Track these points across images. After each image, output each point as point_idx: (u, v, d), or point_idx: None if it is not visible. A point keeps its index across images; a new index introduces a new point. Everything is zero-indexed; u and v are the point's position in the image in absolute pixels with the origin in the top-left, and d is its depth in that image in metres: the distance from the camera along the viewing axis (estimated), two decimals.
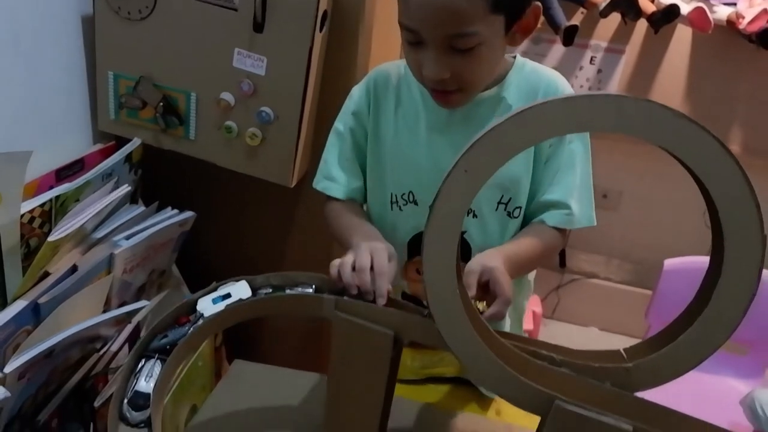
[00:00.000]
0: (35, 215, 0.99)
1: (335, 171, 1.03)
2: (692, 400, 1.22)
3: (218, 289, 0.82)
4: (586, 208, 0.98)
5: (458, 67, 0.85)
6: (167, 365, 0.75)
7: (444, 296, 0.67)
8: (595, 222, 1.00)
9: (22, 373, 0.89)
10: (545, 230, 0.97)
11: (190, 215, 1.27)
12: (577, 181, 0.96)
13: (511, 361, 0.68)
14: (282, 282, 0.83)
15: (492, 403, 1.07)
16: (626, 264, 2.30)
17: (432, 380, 1.11)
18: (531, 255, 0.94)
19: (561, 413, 0.64)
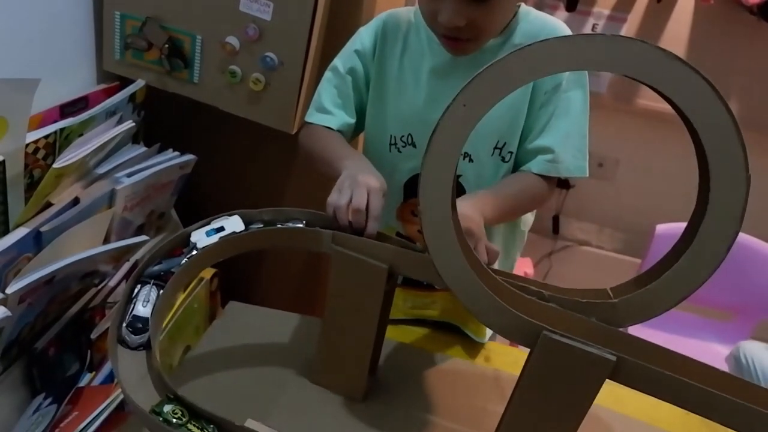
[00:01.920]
0: (39, 146, 1.00)
1: (329, 105, 1.03)
2: None
3: (212, 223, 0.84)
4: (577, 158, 0.99)
5: (474, 17, 0.86)
6: (164, 292, 0.77)
7: (439, 228, 0.69)
8: (586, 173, 1.01)
9: (22, 297, 0.91)
10: (530, 177, 0.99)
11: (190, 158, 1.28)
12: (570, 129, 0.97)
13: (502, 294, 0.71)
14: (274, 217, 0.85)
15: (481, 350, 1.09)
16: (618, 233, 2.33)
17: (421, 323, 1.13)
18: (514, 201, 0.95)
19: (548, 343, 0.67)
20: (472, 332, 1.09)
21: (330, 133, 1.02)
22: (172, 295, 0.79)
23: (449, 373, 1.00)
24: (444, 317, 1.13)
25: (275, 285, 1.62)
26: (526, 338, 0.69)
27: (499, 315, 0.69)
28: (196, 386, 0.92)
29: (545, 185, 1.00)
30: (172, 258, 0.80)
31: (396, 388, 0.95)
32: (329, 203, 0.82)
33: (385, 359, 0.97)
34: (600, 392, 0.69)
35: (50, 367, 1.05)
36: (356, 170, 0.86)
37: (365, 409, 0.90)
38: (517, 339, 0.70)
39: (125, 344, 0.76)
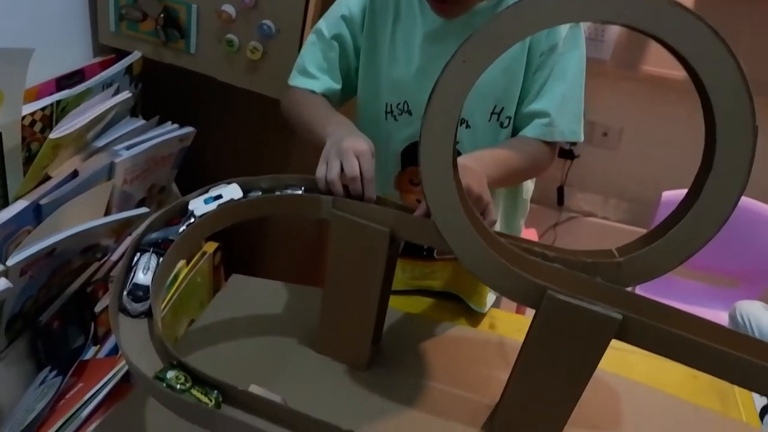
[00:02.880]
0: (36, 119, 0.99)
1: (313, 69, 1.01)
2: None
3: (210, 191, 0.83)
4: (572, 122, 0.98)
5: None
6: (164, 260, 0.76)
7: (440, 188, 0.68)
8: (581, 137, 1.00)
9: (23, 269, 0.90)
10: (528, 142, 0.98)
11: (190, 130, 1.27)
12: (566, 92, 0.96)
13: (506, 255, 0.70)
14: (273, 184, 0.84)
15: (484, 318, 1.09)
16: (623, 203, 2.31)
17: (422, 293, 1.12)
18: (516, 163, 0.94)
19: (553, 303, 0.66)
20: (472, 302, 1.09)
21: (313, 97, 1.00)
22: (173, 263, 0.78)
23: (453, 341, 1.00)
24: (444, 287, 1.12)
25: (279, 259, 1.62)
26: (530, 299, 0.68)
27: (503, 276, 0.68)
28: (200, 357, 0.92)
29: (546, 150, 0.98)
30: (171, 227, 0.79)
31: (399, 356, 0.95)
32: (319, 178, 0.80)
33: (388, 328, 0.96)
34: (606, 358, 0.68)
35: (55, 341, 1.04)
36: (340, 136, 0.84)
37: (369, 378, 0.90)
38: (522, 300, 0.69)
39: (126, 312, 0.75)
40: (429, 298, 1.11)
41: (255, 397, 0.65)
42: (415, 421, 0.84)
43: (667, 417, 0.89)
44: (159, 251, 0.76)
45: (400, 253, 1.07)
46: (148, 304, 0.75)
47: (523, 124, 0.99)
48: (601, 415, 0.87)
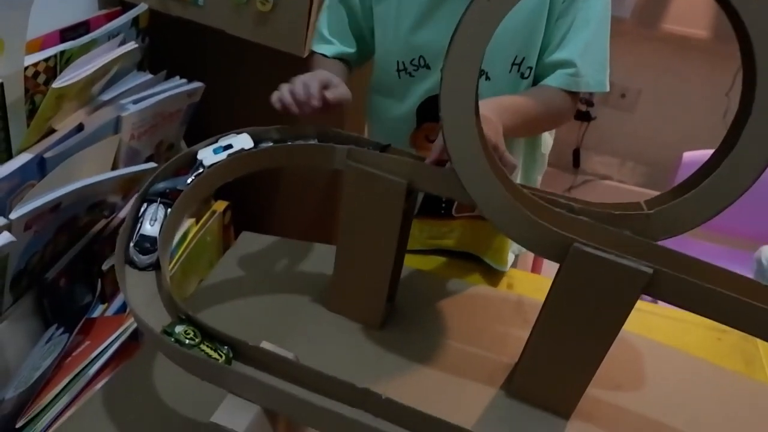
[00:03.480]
0: (39, 70, 0.96)
1: (327, 34, 1.03)
2: None
3: (219, 141, 0.80)
4: (597, 72, 0.94)
5: None
6: (172, 212, 0.74)
7: (462, 136, 0.64)
8: (607, 87, 0.96)
9: (28, 224, 0.88)
10: (550, 91, 0.94)
11: (198, 85, 1.23)
12: (590, 40, 0.92)
13: (530, 206, 0.67)
14: (284, 135, 0.81)
15: (502, 277, 1.06)
16: (640, 166, 2.27)
17: (439, 253, 1.10)
18: (534, 111, 0.90)
19: (579, 256, 0.63)
20: (492, 260, 1.06)
21: (324, 62, 1.01)
22: (181, 214, 0.75)
23: (470, 300, 0.97)
24: (462, 246, 1.09)
25: (290, 218, 1.59)
26: (555, 252, 0.64)
27: (527, 228, 0.65)
28: (210, 315, 0.90)
29: (567, 100, 0.94)
30: (179, 177, 0.76)
31: (415, 315, 0.92)
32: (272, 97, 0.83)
33: (403, 286, 0.93)
34: (628, 319, 0.65)
35: (61, 298, 1.03)
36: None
37: (383, 337, 0.88)
38: (546, 253, 0.66)
39: (133, 265, 0.73)
40: (446, 258, 1.08)
41: (267, 353, 0.62)
42: (431, 380, 0.81)
43: (691, 378, 0.87)
44: (167, 201, 0.73)
45: (417, 213, 1.04)
46: (156, 256, 0.72)
47: (546, 74, 0.95)
48: (623, 376, 0.84)
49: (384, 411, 0.60)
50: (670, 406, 0.81)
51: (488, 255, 1.06)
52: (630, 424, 0.78)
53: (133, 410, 0.77)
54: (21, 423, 0.78)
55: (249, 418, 0.59)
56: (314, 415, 0.59)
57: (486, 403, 0.79)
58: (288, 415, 0.61)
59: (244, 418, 0.59)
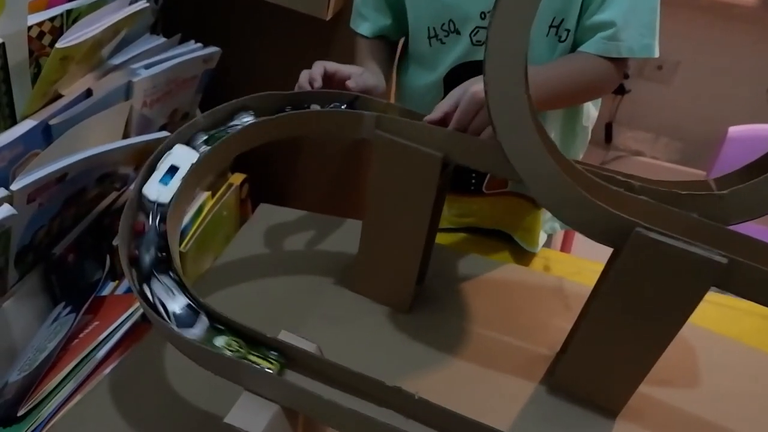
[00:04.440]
0: (45, 30, 0.89)
1: (362, 8, 0.98)
2: None
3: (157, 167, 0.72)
4: (644, 35, 0.85)
5: None
6: (186, 180, 0.67)
7: (510, 103, 0.57)
8: (655, 53, 0.87)
9: (31, 196, 0.82)
10: (588, 57, 0.85)
11: (215, 50, 1.16)
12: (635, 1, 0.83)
13: (584, 183, 0.59)
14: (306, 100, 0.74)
15: (534, 258, 0.99)
16: (675, 142, 2.17)
17: (468, 231, 1.03)
18: (567, 81, 0.82)
19: (641, 242, 0.55)
20: (523, 240, 0.99)
21: (366, 46, 0.98)
22: (192, 188, 0.69)
23: (505, 282, 0.90)
24: (493, 224, 1.02)
25: (311, 191, 1.52)
26: (613, 236, 0.57)
27: (580, 208, 0.57)
28: (223, 296, 0.84)
29: (610, 67, 0.85)
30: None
31: (445, 298, 0.86)
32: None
33: (433, 266, 0.86)
34: None
35: (69, 275, 0.97)
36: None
37: (411, 321, 0.81)
38: (602, 237, 0.58)
39: None
40: (476, 236, 1.01)
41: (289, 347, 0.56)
42: (464, 371, 0.75)
43: (751, 371, 0.79)
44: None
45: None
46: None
47: (585, 39, 0.86)
48: (674, 368, 0.77)
49: (416, 412, 0.54)
50: (727, 402, 0.74)
51: (519, 234, 0.99)
52: (684, 423, 0.71)
53: (142, 398, 0.72)
54: (23, 411, 0.73)
55: (267, 418, 0.53)
56: (339, 416, 0.52)
57: (525, 398, 0.72)
58: (310, 414, 0.55)
59: (262, 419, 0.53)
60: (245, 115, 0.71)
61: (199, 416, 0.69)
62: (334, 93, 0.73)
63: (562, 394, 0.72)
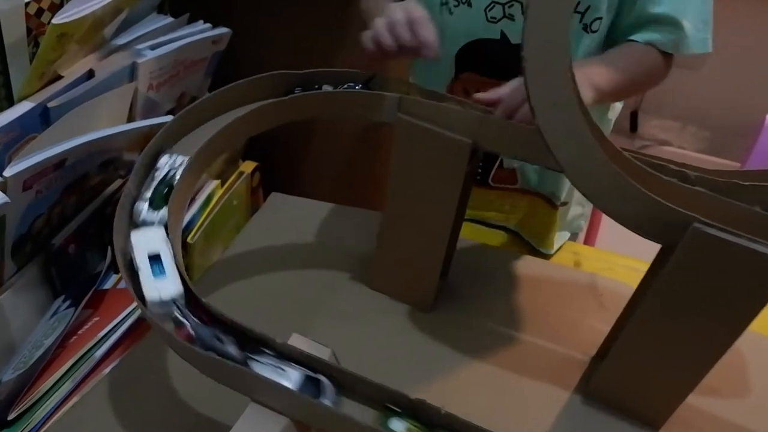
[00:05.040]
0: (44, 7, 0.83)
1: None
2: None
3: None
4: (700, 30, 0.78)
5: None
6: (189, 166, 0.61)
7: (551, 81, 0.50)
8: (710, 48, 0.81)
9: (27, 183, 0.76)
10: (646, 49, 0.78)
11: (225, 31, 1.10)
12: None
13: (634, 173, 0.53)
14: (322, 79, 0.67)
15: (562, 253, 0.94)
16: (703, 131, 2.09)
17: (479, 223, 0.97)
18: (631, 76, 0.76)
19: (700, 239, 0.49)
20: (535, 241, 0.92)
21: None
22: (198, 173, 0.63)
23: (534, 278, 0.84)
24: (501, 221, 0.95)
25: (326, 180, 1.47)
26: (666, 233, 0.51)
27: (630, 201, 0.51)
28: (231, 290, 0.79)
29: (662, 61, 0.79)
30: None
31: (470, 295, 0.80)
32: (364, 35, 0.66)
33: (456, 261, 0.80)
34: None
35: (71, 266, 0.92)
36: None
37: (434, 321, 0.75)
38: (653, 233, 0.52)
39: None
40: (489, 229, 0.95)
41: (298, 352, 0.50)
42: (492, 378, 0.69)
43: None
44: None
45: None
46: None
47: (636, 30, 0.79)
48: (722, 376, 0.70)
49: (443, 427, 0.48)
50: None
51: (529, 233, 0.92)
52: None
53: (144, 401, 0.67)
54: (14, 414, 0.68)
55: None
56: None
57: (558, 408, 0.66)
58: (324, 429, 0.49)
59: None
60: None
61: (204, 422, 0.64)
62: (347, 72, 0.67)
63: (598, 404, 0.66)
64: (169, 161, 0.61)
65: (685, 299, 0.52)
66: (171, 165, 0.61)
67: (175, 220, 0.59)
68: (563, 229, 0.97)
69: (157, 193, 0.59)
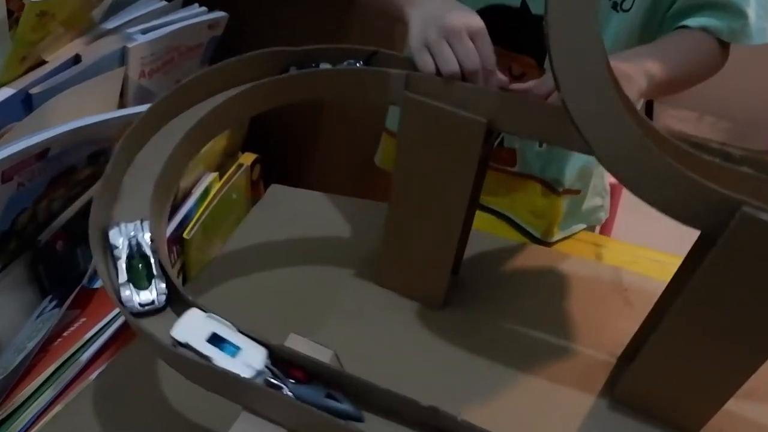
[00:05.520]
0: None
1: None
2: None
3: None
4: (761, 18, 0.71)
5: None
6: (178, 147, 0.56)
7: (578, 51, 0.44)
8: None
9: (7, 174, 0.71)
10: (703, 40, 0.71)
11: (221, 15, 1.05)
12: None
13: (673, 152, 0.47)
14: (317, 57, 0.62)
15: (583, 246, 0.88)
16: (722, 122, 2.03)
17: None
18: (685, 67, 0.69)
19: (749, 225, 0.43)
20: (535, 228, 0.86)
21: None
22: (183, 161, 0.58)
23: (554, 273, 0.78)
24: (492, 204, 0.89)
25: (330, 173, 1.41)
26: (710, 218, 0.45)
27: (668, 183, 0.45)
28: (230, 288, 0.74)
29: (717, 54, 0.72)
30: None
31: (484, 291, 0.74)
32: (416, 49, 0.57)
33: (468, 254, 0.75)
34: None
35: (59, 264, 0.87)
36: (435, 7, 0.59)
37: (446, 320, 0.70)
38: (694, 220, 0.46)
39: None
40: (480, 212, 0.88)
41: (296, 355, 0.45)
42: (509, 382, 0.63)
43: None
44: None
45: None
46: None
47: (689, 15, 0.72)
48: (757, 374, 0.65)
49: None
50: None
51: (527, 219, 0.86)
52: None
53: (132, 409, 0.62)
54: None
55: None
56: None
57: (582, 415, 0.60)
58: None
59: None
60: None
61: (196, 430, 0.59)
62: (347, 48, 0.61)
63: (626, 410, 0.61)
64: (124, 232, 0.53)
65: (730, 293, 0.46)
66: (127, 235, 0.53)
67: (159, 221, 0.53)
68: (579, 220, 0.91)
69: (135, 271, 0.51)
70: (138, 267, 0.49)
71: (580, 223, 0.91)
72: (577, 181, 0.85)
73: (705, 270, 0.46)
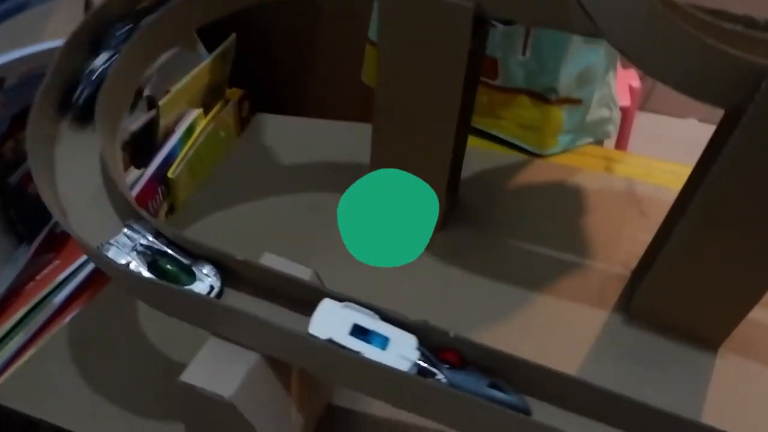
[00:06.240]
0: None
1: None
2: None
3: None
4: None
5: None
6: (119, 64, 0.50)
7: None
8: None
9: None
10: None
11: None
12: None
13: (688, 18, 0.40)
14: None
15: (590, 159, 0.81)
16: None
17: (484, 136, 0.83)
18: None
19: None
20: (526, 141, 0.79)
21: None
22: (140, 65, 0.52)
23: (562, 187, 0.72)
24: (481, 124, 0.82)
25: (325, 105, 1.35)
26: (735, 92, 0.38)
27: (687, 54, 0.39)
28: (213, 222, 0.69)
29: None
30: None
31: (486, 209, 0.69)
32: None
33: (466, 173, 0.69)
34: None
35: (32, 209, 0.82)
36: None
37: (446, 241, 0.64)
38: (716, 95, 0.40)
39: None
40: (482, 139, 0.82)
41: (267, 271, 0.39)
42: (517, 301, 0.58)
43: None
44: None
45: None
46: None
47: None
48: None
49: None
50: None
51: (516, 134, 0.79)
52: None
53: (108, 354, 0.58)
54: None
55: (241, 374, 0.37)
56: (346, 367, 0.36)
57: (596, 331, 0.55)
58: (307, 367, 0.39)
59: (233, 375, 0.37)
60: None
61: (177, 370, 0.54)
62: None
63: (643, 324, 0.55)
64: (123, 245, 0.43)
65: (755, 179, 0.40)
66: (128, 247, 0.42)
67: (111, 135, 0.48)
68: (584, 134, 0.84)
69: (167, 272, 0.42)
70: (166, 267, 0.42)
71: (586, 136, 0.84)
72: (576, 89, 0.77)
73: (728, 153, 0.40)
